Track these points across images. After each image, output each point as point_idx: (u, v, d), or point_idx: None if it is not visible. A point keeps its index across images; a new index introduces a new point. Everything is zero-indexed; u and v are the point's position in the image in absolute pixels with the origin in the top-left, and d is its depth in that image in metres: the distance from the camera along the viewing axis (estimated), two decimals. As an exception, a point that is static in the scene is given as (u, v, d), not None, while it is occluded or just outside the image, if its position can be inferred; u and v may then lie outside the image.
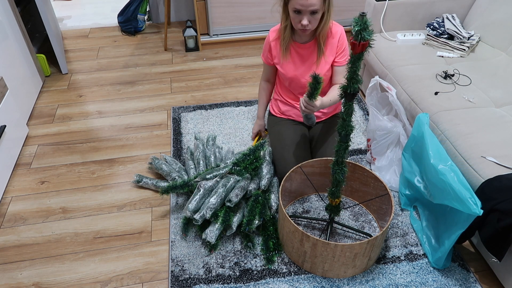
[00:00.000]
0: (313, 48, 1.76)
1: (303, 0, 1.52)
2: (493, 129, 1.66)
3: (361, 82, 1.22)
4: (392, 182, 1.88)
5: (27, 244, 1.69)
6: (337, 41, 1.74)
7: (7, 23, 2.26)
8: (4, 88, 2.00)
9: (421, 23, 2.38)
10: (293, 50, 1.77)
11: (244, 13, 3.01)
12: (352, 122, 1.30)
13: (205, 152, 1.99)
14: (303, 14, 1.57)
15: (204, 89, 2.66)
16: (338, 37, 1.74)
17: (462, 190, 1.33)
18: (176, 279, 1.54)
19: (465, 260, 1.61)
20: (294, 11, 1.58)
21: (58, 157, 2.13)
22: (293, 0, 1.55)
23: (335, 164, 1.41)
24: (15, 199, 1.89)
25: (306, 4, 1.53)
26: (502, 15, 2.14)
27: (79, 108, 2.49)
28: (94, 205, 1.86)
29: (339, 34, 1.74)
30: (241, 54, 3.05)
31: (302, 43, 1.75)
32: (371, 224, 1.75)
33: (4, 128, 1.91)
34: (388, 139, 1.88)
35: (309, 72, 1.78)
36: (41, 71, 2.70)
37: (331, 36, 1.73)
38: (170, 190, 1.75)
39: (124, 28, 3.33)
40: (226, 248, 1.65)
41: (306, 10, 1.55)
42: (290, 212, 1.80)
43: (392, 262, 1.60)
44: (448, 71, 2.00)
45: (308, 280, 1.54)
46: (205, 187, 1.66)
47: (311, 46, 1.75)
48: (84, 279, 1.56)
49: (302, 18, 1.58)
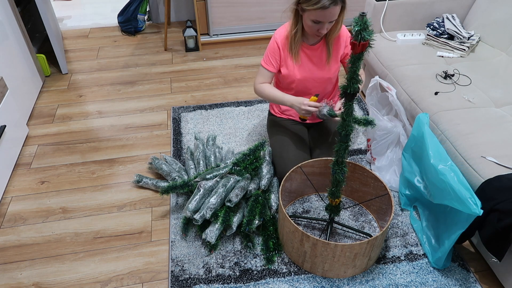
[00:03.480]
0: (321, 49, 1.76)
1: (326, 13, 1.52)
2: (493, 129, 1.66)
3: (361, 82, 1.22)
4: (392, 182, 1.88)
5: (27, 244, 1.69)
6: (344, 40, 1.76)
7: (7, 23, 2.26)
8: (4, 88, 2.00)
9: (421, 23, 2.38)
10: (302, 52, 1.76)
11: (244, 13, 3.01)
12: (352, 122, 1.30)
13: (205, 152, 1.99)
14: (323, 24, 1.57)
15: (204, 89, 2.66)
16: (346, 37, 1.76)
17: (462, 190, 1.33)
18: (176, 279, 1.54)
19: (465, 260, 1.61)
20: (314, 21, 1.57)
21: (58, 157, 2.13)
22: (314, 12, 1.53)
23: (335, 164, 1.41)
24: (15, 199, 1.89)
25: (329, 16, 1.54)
26: (502, 15, 2.14)
27: (79, 108, 2.49)
28: (94, 205, 1.86)
29: (345, 35, 1.76)
30: (241, 54, 3.05)
31: (311, 44, 1.75)
32: (371, 224, 1.75)
33: (4, 128, 1.91)
34: (388, 139, 1.88)
35: (319, 73, 1.79)
36: (41, 71, 2.70)
37: (337, 37, 1.74)
38: (170, 190, 1.75)
39: (124, 28, 3.33)
40: (226, 248, 1.65)
41: (327, 21, 1.56)
42: (290, 212, 1.80)
43: (392, 262, 1.60)
44: (448, 71, 2.00)
45: (308, 280, 1.54)
46: (205, 187, 1.66)
47: (320, 47, 1.75)
48: (84, 279, 1.56)
49: (322, 27, 1.58)
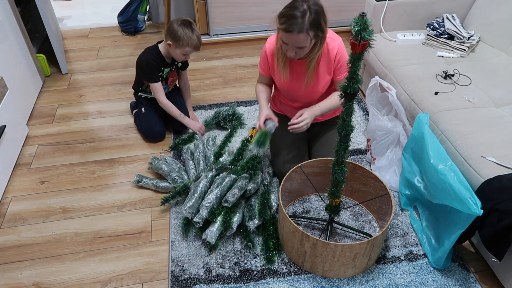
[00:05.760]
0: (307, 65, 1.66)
1: (289, 37, 1.46)
2: (493, 129, 1.66)
3: (361, 82, 1.22)
4: (392, 182, 1.88)
5: (27, 244, 1.69)
6: (334, 58, 1.66)
7: (7, 23, 2.26)
8: (4, 88, 2.00)
9: (421, 23, 2.38)
10: (290, 65, 1.70)
11: (244, 13, 3.01)
12: (352, 122, 1.30)
13: (205, 152, 2.00)
14: (289, 46, 1.51)
15: (204, 89, 2.66)
16: (335, 53, 1.64)
17: (462, 190, 1.33)
18: (176, 279, 1.54)
19: (465, 260, 1.61)
20: (282, 41, 1.52)
21: (58, 157, 2.13)
22: (280, 32, 1.47)
23: (335, 164, 1.41)
24: (15, 199, 1.89)
25: (292, 42, 1.48)
26: (502, 15, 2.14)
27: (79, 108, 2.49)
28: (94, 205, 1.86)
29: (335, 50, 1.64)
30: (241, 54, 3.05)
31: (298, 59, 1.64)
32: (371, 224, 1.75)
33: (4, 128, 1.91)
34: (388, 139, 1.88)
35: (303, 87, 1.71)
36: (41, 71, 2.70)
37: (327, 54, 1.65)
38: (170, 199, 1.79)
39: (124, 28, 3.33)
40: (226, 248, 1.65)
41: (292, 45, 1.50)
42: (290, 212, 1.80)
43: (392, 262, 1.60)
44: (448, 71, 2.00)
45: (308, 280, 1.54)
46: (198, 187, 1.67)
47: (305, 63, 1.66)
48: (84, 279, 1.56)
49: (288, 49, 1.53)
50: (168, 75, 2.17)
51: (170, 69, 2.16)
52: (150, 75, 2.09)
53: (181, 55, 2.03)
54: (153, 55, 2.07)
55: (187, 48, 1.99)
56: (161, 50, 2.09)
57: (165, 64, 2.12)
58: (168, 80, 2.20)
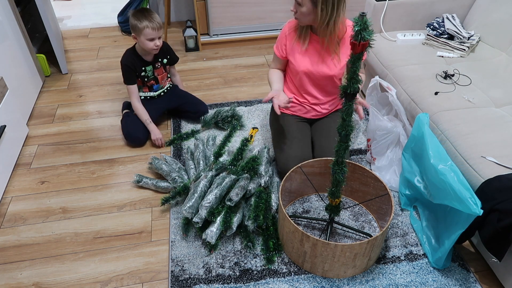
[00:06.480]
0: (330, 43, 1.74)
1: None
2: (493, 129, 1.66)
3: (361, 82, 1.22)
4: (392, 182, 1.88)
5: (27, 244, 1.69)
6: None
7: (7, 23, 2.26)
8: (4, 88, 2.00)
9: (421, 23, 2.38)
10: (310, 43, 1.76)
11: (244, 13, 3.01)
12: (352, 122, 1.30)
13: (205, 152, 2.00)
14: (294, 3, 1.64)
15: (204, 89, 2.66)
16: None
17: (462, 190, 1.33)
18: (176, 279, 1.54)
19: (465, 260, 1.61)
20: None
21: (58, 157, 2.13)
22: None
23: (335, 164, 1.41)
24: (15, 199, 1.89)
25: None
26: (502, 15, 2.14)
27: (79, 108, 2.49)
28: (94, 205, 1.86)
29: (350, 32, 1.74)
30: (241, 54, 3.05)
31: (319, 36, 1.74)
32: (371, 224, 1.75)
33: (4, 128, 1.91)
34: (388, 139, 1.88)
35: (323, 68, 1.78)
36: (41, 71, 2.70)
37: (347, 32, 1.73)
38: (170, 199, 1.79)
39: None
40: (226, 248, 1.65)
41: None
42: (290, 212, 1.80)
43: (392, 262, 1.60)
44: (448, 71, 2.00)
45: (308, 280, 1.54)
46: (198, 187, 1.67)
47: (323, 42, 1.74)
48: (84, 279, 1.56)
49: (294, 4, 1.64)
50: (154, 73, 2.17)
51: (155, 67, 2.15)
52: (125, 77, 2.11)
53: (147, 41, 2.00)
54: (129, 56, 2.09)
55: (145, 30, 1.96)
56: (137, 49, 2.10)
57: (144, 62, 2.11)
58: (158, 79, 2.20)
